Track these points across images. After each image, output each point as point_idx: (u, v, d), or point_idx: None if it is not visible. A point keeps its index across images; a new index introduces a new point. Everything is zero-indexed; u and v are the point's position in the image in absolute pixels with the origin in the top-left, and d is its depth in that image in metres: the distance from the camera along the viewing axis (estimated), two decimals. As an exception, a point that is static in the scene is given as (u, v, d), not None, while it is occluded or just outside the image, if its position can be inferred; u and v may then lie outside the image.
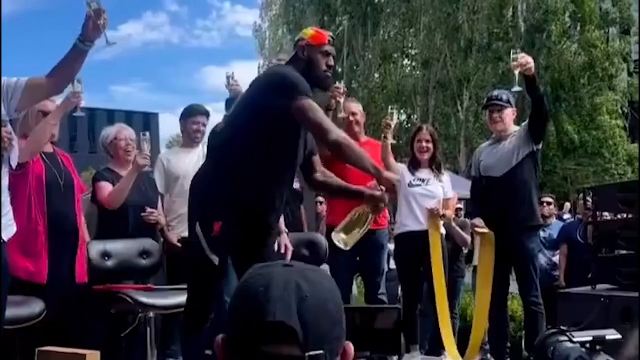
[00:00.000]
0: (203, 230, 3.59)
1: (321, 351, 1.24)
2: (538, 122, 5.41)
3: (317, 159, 4.16)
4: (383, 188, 3.80)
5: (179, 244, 5.45)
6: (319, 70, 3.82)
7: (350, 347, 1.33)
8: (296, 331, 1.22)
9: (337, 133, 3.65)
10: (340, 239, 3.91)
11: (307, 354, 1.23)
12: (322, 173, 4.18)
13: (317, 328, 1.25)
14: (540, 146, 5.53)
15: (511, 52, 5.21)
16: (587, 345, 3.49)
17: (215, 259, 3.55)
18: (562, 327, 3.68)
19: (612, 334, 3.58)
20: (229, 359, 1.31)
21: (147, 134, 5.32)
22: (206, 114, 5.81)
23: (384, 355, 4.34)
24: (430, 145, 5.83)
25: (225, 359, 1.32)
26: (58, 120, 4.51)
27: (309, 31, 3.94)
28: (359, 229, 3.90)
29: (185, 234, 5.48)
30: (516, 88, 5.13)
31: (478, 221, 5.44)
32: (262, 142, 3.61)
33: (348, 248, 4.06)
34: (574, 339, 3.54)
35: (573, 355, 3.46)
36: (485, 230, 5.36)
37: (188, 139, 5.76)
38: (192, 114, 5.73)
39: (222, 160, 3.72)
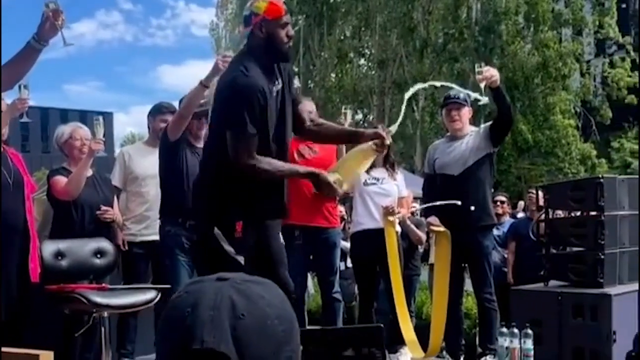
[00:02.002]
0: (224, 232, 3.47)
1: None
2: (502, 128, 5.55)
3: (302, 107, 4.01)
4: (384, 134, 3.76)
5: (123, 247, 5.41)
6: (282, 45, 3.63)
7: None
8: (230, 359, 1.03)
9: (249, 158, 3.49)
10: (336, 180, 3.70)
11: None
12: (313, 121, 4.01)
13: (258, 352, 1.06)
14: (497, 148, 5.63)
15: (475, 66, 5.26)
16: None
17: (242, 259, 3.45)
18: None
19: None
20: None
21: (100, 118, 5.24)
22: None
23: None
24: (385, 144, 5.85)
25: None
26: (3, 127, 4.43)
27: (263, 4, 3.59)
28: (360, 167, 3.83)
29: (144, 237, 5.45)
30: (483, 100, 5.18)
31: (433, 219, 5.48)
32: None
33: (343, 190, 3.88)
34: None
35: None
36: (441, 228, 5.40)
37: (154, 136, 5.63)
38: (160, 112, 5.62)
39: (221, 163, 3.58)
